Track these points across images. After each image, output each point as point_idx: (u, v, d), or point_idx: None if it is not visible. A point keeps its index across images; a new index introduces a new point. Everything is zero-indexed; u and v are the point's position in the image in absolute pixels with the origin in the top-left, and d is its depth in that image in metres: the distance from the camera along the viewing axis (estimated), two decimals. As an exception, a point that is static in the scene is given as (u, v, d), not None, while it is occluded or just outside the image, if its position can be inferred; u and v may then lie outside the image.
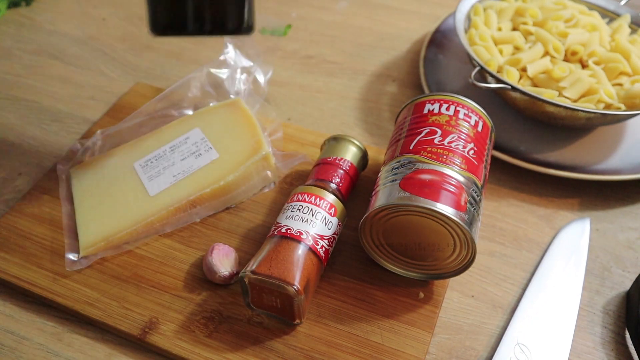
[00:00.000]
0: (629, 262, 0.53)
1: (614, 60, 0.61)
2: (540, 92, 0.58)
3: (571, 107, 0.55)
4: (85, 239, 0.51)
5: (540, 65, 0.61)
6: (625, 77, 0.61)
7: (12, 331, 0.48)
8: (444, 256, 0.46)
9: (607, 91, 0.58)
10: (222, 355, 0.45)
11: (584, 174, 0.57)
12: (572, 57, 0.62)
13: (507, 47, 0.64)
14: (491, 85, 0.57)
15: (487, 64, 0.60)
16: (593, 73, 0.60)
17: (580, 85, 0.58)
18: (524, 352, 0.45)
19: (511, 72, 0.60)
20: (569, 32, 0.63)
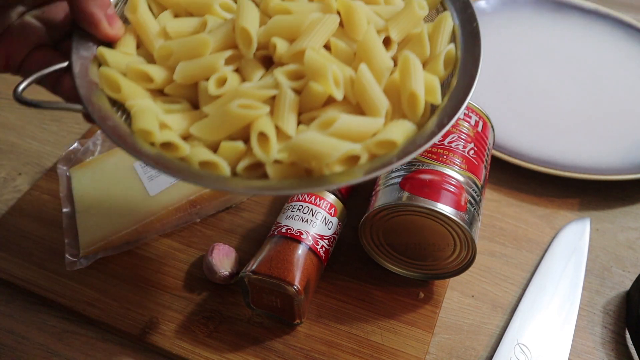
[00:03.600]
0: (629, 262, 0.53)
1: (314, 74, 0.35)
2: (138, 120, 0.35)
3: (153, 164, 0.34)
4: (85, 238, 0.51)
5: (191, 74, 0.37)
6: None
7: (12, 331, 0.48)
8: (444, 256, 0.46)
9: (270, 138, 0.34)
10: (222, 355, 0.45)
11: (584, 174, 0.57)
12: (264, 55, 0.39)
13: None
14: (45, 104, 0.35)
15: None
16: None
17: (225, 120, 0.35)
18: (524, 352, 0.45)
19: (132, 88, 0.37)
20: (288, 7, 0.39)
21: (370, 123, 0.35)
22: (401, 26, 0.39)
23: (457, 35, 0.40)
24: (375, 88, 0.36)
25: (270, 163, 0.34)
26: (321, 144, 0.33)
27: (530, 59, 0.71)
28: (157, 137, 0.35)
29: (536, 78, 0.69)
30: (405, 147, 0.34)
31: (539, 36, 0.75)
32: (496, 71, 0.70)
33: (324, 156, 0.33)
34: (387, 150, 0.34)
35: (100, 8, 0.37)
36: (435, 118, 0.36)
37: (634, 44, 0.73)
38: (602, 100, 0.66)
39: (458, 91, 0.37)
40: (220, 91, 0.36)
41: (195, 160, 0.35)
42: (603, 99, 0.67)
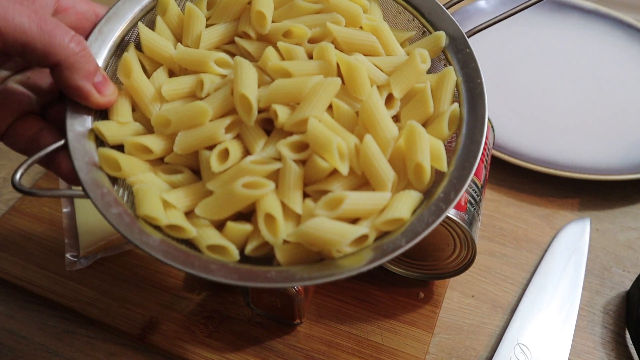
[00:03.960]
0: (629, 262, 0.53)
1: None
2: (141, 203, 0.35)
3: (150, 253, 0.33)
4: (85, 239, 0.51)
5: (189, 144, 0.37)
6: None
7: (12, 331, 0.48)
8: (444, 256, 0.46)
9: (277, 220, 0.34)
10: (222, 355, 0.45)
11: (584, 174, 0.57)
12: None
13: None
14: (45, 193, 0.34)
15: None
16: None
17: (226, 202, 0.35)
18: (524, 352, 0.45)
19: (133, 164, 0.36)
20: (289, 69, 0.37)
21: (377, 199, 0.34)
22: (403, 82, 0.38)
23: (460, 90, 0.39)
24: (381, 161, 0.35)
25: (279, 245, 0.34)
26: (330, 231, 0.32)
27: (530, 59, 0.71)
28: (163, 222, 0.34)
29: (536, 78, 0.69)
30: (413, 223, 0.34)
31: (539, 36, 0.75)
32: (496, 71, 0.70)
33: (334, 243, 0.33)
34: (395, 227, 0.34)
35: (86, 79, 0.35)
36: (440, 189, 0.35)
37: (634, 44, 0.73)
38: (602, 100, 0.66)
39: (463, 157, 0.36)
40: (223, 167, 0.35)
41: (204, 243, 0.34)
42: (603, 99, 0.67)
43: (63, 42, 0.33)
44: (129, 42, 0.40)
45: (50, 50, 0.33)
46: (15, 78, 0.37)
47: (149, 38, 0.39)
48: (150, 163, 0.37)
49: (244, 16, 0.40)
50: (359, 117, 0.37)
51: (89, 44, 0.38)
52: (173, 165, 0.38)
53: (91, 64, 0.35)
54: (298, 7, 0.40)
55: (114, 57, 0.39)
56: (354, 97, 0.37)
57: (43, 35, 0.32)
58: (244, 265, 0.34)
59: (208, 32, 0.40)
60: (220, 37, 0.40)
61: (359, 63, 0.37)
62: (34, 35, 0.32)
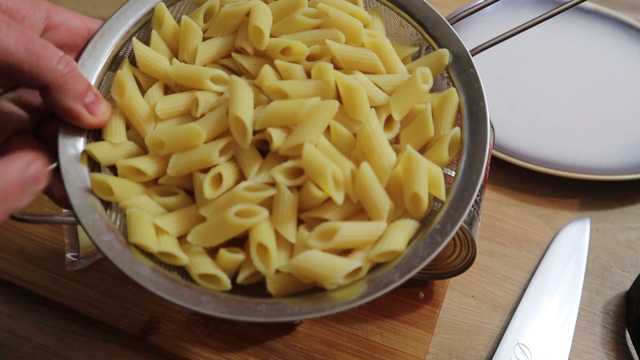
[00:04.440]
0: (629, 262, 0.53)
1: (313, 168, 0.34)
2: (134, 231, 0.34)
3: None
4: (85, 239, 0.51)
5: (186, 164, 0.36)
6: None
7: (12, 331, 0.48)
8: (444, 256, 0.46)
9: (270, 253, 0.34)
10: (222, 355, 0.45)
11: (584, 174, 0.57)
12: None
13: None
14: (39, 220, 0.35)
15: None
16: None
17: (218, 230, 0.34)
18: (524, 352, 0.45)
19: (127, 187, 0.36)
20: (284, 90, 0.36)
21: (372, 229, 0.34)
22: (404, 104, 0.37)
23: (462, 112, 0.38)
24: (378, 189, 0.34)
25: (270, 276, 0.33)
26: (323, 266, 0.32)
27: (530, 59, 0.71)
28: (155, 249, 0.34)
29: (536, 78, 0.69)
30: (407, 257, 0.33)
31: (539, 36, 0.75)
32: (496, 71, 0.70)
33: (327, 277, 0.32)
34: (390, 258, 0.34)
35: (77, 100, 0.34)
36: (438, 219, 0.34)
37: (634, 44, 0.73)
38: (602, 100, 0.66)
39: (462, 186, 0.35)
40: (217, 194, 0.34)
41: (195, 272, 0.34)
42: (603, 99, 0.67)
43: (51, 64, 0.32)
44: (124, 58, 0.40)
45: (38, 73, 0.32)
46: (7, 96, 0.36)
47: (143, 54, 0.38)
48: (143, 185, 0.37)
49: (241, 30, 0.39)
50: (357, 141, 0.35)
51: (82, 60, 0.37)
52: (167, 186, 0.37)
53: (81, 85, 0.34)
54: (297, 21, 0.39)
55: (109, 73, 0.39)
56: (352, 119, 0.36)
57: (30, 57, 0.31)
58: (235, 296, 0.33)
59: (204, 46, 0.39)
60: (217, 52, 0.40)
61: (358, 84, 0.36)
62: (21, 57, 0.31)
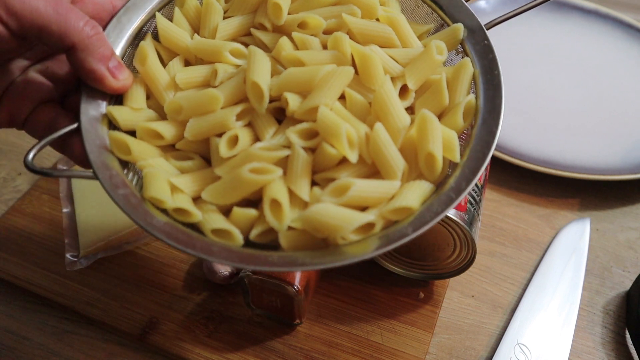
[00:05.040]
0: (629, 262, 0.53)
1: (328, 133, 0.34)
2: (149, 186, 0.35)
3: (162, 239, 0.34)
4: (85, 238, 0.51)
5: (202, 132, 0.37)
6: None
7: (12, 331, 0.48)
8: (444, 256, 0.46)
9: (282, 206, 0.33)
10: (222, 355, 0.45)
11: (584, 174, 0.57)
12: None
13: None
14: (57, 173, 0.35)
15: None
16: None
17: (233, 187, 0.34)
18: (524, 352, 0.45)
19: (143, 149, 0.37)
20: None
21: (385, 187, 0.34)
22: (418, 73, 0.37)
23: (477, 82, 0.38)
24: (391, 149, 0.34)
25: (283, 231, 0.33)
26: (335, 217, 0.32)
27: (530, 59, 0.71)
28: (169, 204, 0.34)
29: (536, 78, 0.69)
30: (421, 213, 0.33)
31: (539, 36, 0.75)
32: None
33: (338, 229, 0.32)
34: (404, 216, 0.33)
35: (101, 62, 0.35)
36: (452, 179, 0.34)
37: (634, 44, 0.73)
38: (602, 100, 0.66)
39: (477, 148, 0.35)
40: (232, 153, 0.35)
41: (208, 227, 0.34)
42: (603, 99, 0.67)
43: (78, 25, 0.34)
44: (147, 33, 0.41)
45: (65, 33, 0.34)
46: (35, 68, 0.38)
47: (166, 28, 0.39)
48: (161, 149, 0.37)
49: (260, 8, 0.41)
50: (372, 107, 0.36)
51: (107, 32, 0.38)
52: (184, 152, 0.38)
53: (106, 48, 0.36)
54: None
55: (132, 47, 0.40)
56: (367, 88, 0.36)
57: (58, 18, 0.33)
58: (246, 249, 0.33)
59: (225, 23, 0.40)
60: (237, 29, 0.40)
61: (373, 53, 0.36)
62: (50, 17, 0.33)
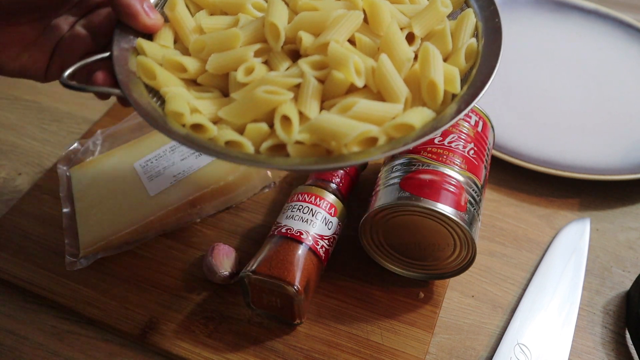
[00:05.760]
0: (629, 262, 0.53)
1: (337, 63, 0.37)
2: (171, 105, 0.38)
3: (185, 142, 0.36)
4: (85, 238, 0.51)
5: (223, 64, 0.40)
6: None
7: (12, 331, 0.48)
8: (444, 256, 0.46)
9: (292, 120, 0.36)
10: (222, 355, 0.45)
11: (584, 174, 0.57)
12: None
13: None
14: (90, 89, 0.39)
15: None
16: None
17: (251, 106, 0.37)
18: (524, 352, 0.45)
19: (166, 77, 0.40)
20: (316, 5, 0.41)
21: (389, 108, 0.37)
22: (424, 23, 0.41)
23: (479, 31, 0.41)
24: (395, 76, 0.37)
25: (292, 143, 0.36)
26: (340, 124, 0.35)
27: (530, 59, 0.71)
28: (188, 119, 0.37)
29: (536, 78, 0.69)
30: (422, 131, 0.36)
31: (539, 36, 0.75)
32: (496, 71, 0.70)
33: (342, 135, 0.34)
34: (405, 134, 0.36)
35: (137, 0, 0.40)
36: (453, 105, 0.37)
37: (634, 44, 0.73)
38: (602, 100, 0.66)
39: (477, 80, 0.38)
40: (248, 79, 0.38)
41: (222, 140, 0.37)
42: (603, 98, 0.67)
43: None
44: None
45: None
46: (80, 22, 0.42)
47: None
48: (184, 82, 0.41)
49: None
50: (379, 47, 0.39)
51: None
52: (204, 87, 0.41)
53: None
54: None
55: (162, 1, 0.44)
56: (375, 35, 0.40)
57: None
58: (256, 154, 0.37)
59: None
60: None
61: (382, 2, 0.40)
62: None
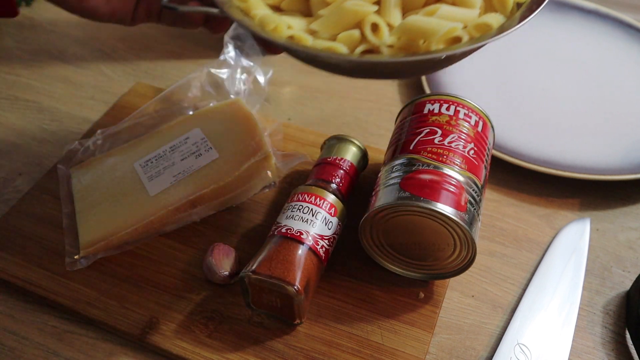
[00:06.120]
0: (629, 262, 0.53)
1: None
2: (268, 23, 0.42)
3: (293, 48, 0.40)
4: (85, 238, 0.51)
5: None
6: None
7: (12, 331, 0.48)
8: (444, 256, 0.46)
9: (380, 27, 0.40)
10: (222, 355, 0.45)
11: (584, 174, 0.57)
12: None
13: None
14: (186, 8, 0.44)
15: None
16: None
17: (340, 16, 0.41)
18: (524, 352, 0.45)
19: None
20: None
21: (467, 13, 0.41)
22: None
23: None
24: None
25: (385, 45, 0.39)
26: (429, 22, 0.38)
27: (530, 58, 0.72)
28: (284, 31, 0.40)
29: (536, 78, 0.69)
30: (499, 30, 0.39)
31: (538, 36, 0.75)
32: (496, 71, 0.70)
33: (432, 32, 0.38)
34: (484, 32, 0.40)
35: None
36: (518, 13, 0.41)
37: (634, 44, 0.73)
38: (602, 100, 0.66)
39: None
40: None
41: (318, 47, 0.39)
42: (603, 98, 0.67)
43: None
44: None
45: None
46: None
47: None
48: (269, 7, 0.44)
49: None
50: None
51: None
52: (287, 12, 0.43)
53: None
54: None
55: None
56: None
57: None
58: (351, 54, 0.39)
59: None
60: None
61: None
62: None
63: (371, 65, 0.42)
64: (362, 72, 0.44)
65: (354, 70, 0.43)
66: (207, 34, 0.52)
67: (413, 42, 0.39)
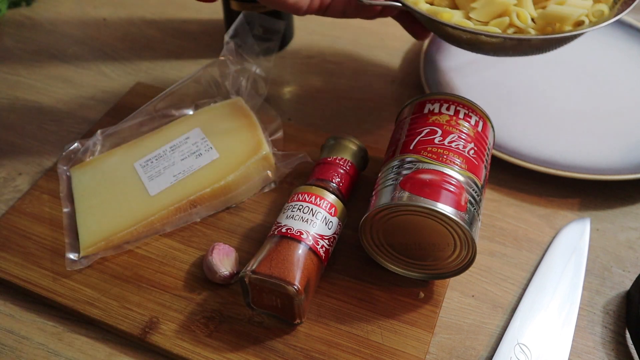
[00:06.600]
0: (629, 262, 0.53)
1: None
2: (438, 12, 0.53)
3: (466, 29, 0.50)
4: (85, 238, 0.51)
5: None
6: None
7: (12, 331, 0.48)
8: (444, 256, 0.46)
9: (521, 14, 0.53)
10: (222, 355, 0.45)
11: (584, 174, 0.57)
12: None
13: None
14: (376, 2, 0.53)
15: None
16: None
17: (491, 6, 0.53)
18: (524, 352, 0.45)
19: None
20: None
21: (585, 2, 0.53)
22: None
23: None
24: None
25: (527, 29, 0.51)
26: (564, 10, 0.51)
27: (530, 58, 0.71)
28: (452, 18, 0.52)
29: (536, 78, 0.69)
30: (610, 15, 0.52)
31: (539, 36, 0.74)
32: (496, 71, 0.70)
33: (567, 16, 0.51)
34: (599, 18, 0.52)
35: None
36: (618, 5, 0.53)
37: (634, 44, 0.73)
38: (602, 100, 0.66)
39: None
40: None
41: (481, 28, 0.51)
42: (603, 98, 0.67)
43: None
44: None
45: None
46: None
47: None
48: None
49: None
50: None
51: None
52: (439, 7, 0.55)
53: None
54: None
55: None
56: None
57: None
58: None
59: None
60: None
61: None
62: None
63: (525, 42, 0.52)
64: (512, 47, 0.53)
65: (505, 47, 0.53)
66: (207, 34, 0.52)
67: (548, 25, 0.52)
